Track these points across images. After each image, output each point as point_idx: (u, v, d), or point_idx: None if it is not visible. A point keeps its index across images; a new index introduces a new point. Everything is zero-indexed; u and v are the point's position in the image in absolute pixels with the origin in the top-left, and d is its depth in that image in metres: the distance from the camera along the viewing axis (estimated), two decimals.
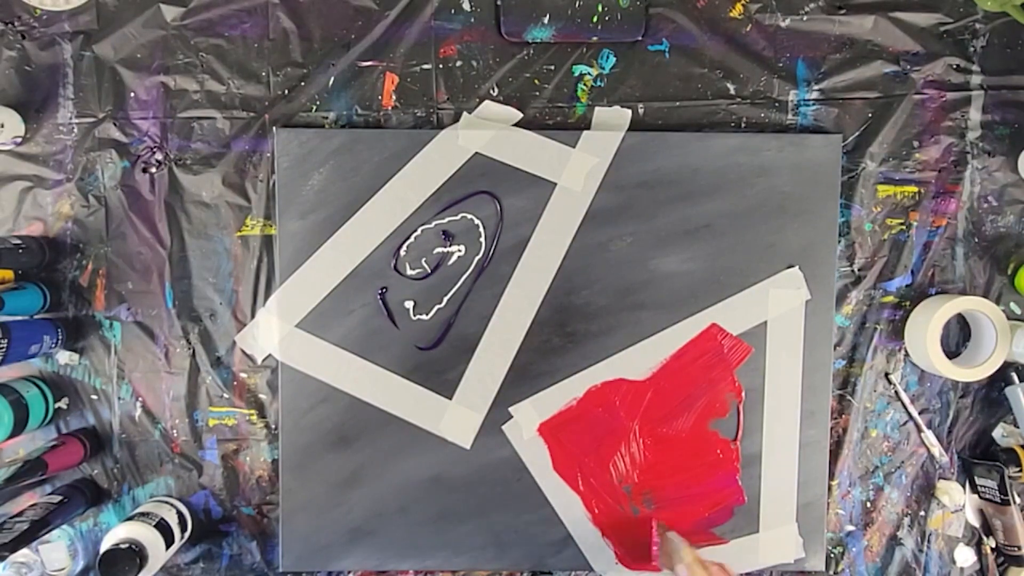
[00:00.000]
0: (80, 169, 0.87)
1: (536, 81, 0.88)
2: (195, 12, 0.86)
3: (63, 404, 0.87)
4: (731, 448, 0.88)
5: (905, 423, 0.90)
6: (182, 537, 0.85)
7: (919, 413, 0.90)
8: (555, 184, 0.86)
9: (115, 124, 0.87)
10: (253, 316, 0.88)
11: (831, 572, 0.91)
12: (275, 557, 0.89)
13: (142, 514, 0.82)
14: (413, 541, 0.88)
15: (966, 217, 0.89)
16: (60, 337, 0.85)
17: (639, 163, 0.86)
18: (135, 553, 0.76)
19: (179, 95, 0.87)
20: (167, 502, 0.86)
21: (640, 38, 0.87)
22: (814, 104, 0.88)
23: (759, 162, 0.87)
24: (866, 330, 0.90)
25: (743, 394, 0.88)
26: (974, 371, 0.85)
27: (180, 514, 0.85)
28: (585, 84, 0.88)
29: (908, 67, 0.88)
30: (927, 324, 0.84)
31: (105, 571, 0.75)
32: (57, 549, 0.88)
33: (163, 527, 0.81)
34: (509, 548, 0.88)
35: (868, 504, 0.91)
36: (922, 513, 0.91)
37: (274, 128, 0.86)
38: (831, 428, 0.89)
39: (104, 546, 0.78)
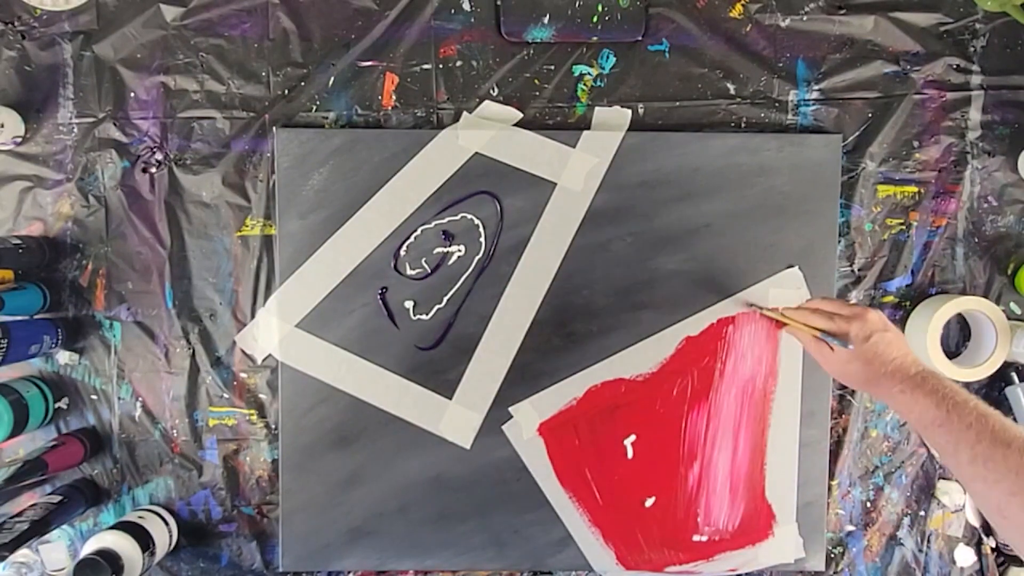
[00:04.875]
0: (80, 169, 0.87)
1: (536, 81, 0.88)
2: (195, 12, 0.86)
3: (63, 404, 0.87)
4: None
5: (905, 423, 0.90)
6: (169, 545, 0.85)
7: None
8: (555, 184, 0.86)
9: (115, 124, 0.87)
10: (253, 316, 0.88)
11: (831, 572, 0.91)
12: (275, 557, 0.89)
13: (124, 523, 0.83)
14: (413, 541, 0.88)
15: (966, 217, 0.89)
16: (60, 337, 0.85)
17: (639, 163, 0.86)
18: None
19: (179, 95, 0.87)
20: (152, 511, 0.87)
21: (640, 38, 0.87)
22: (814, 104, 0.88)
23: (759, 162, 0.87)
24: None
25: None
26: (974, 371, 0.85)
27: (165, 523, 0.85)
28: (585, 84, 0.88)
29: (908, 67, 0.88)
30: (927, 324, 0.84)
31: None
32: (57, 549, 0.88)
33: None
34: (509, 548, 0.88)
35: (868, 504, 0.91)
36: (922, 513, 0.91)
37: (274, 128, 0.86)
38: (831, 428, 0.89)
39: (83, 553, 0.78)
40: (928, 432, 0.63)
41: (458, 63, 0.87)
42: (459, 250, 0.87)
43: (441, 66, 0.87)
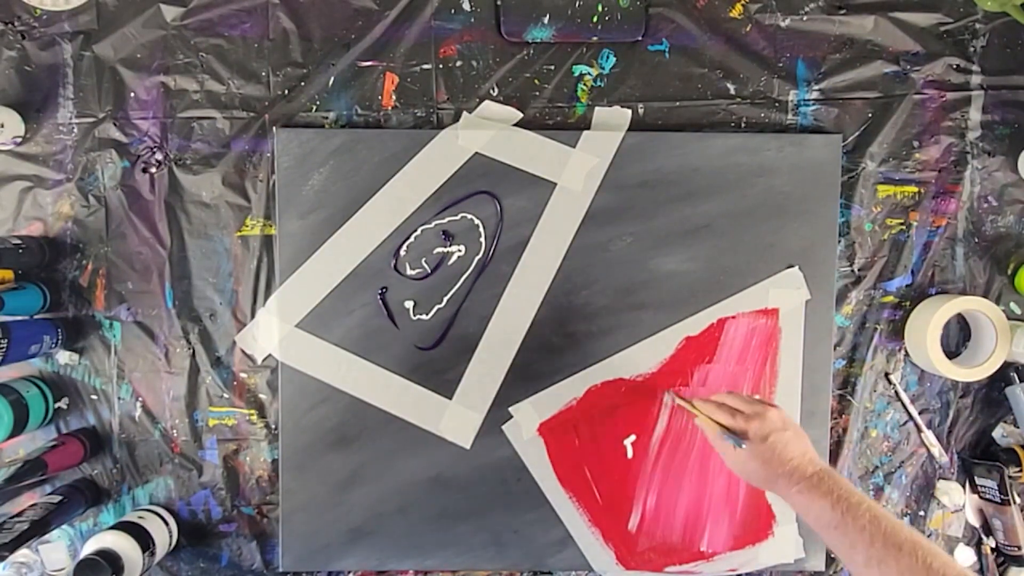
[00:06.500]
0: (80, 169, 0.87)
1: (536, 81, 0.88)
2: (195, 12, 0.86)
3: (63, 404, 0.87)
4: None
5: (905, 423, 0.90)
6: (169, 545, 0.85)
7: (919, 413, 0.90)
8: (555, 184, 0.86)
9: (115, 124, 0.87)
10: (253, 316, 0.88)
11: (831, 572, 0.91)
12: (275, 557, 0.89)
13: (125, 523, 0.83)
14: (413, 541, 0.88)
15: (966, 217, 0.89)
16: (60, 337, 0.85)
17: (639, 163, 0.86)
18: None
19: (179, 95, 0.87)
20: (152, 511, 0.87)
21: (640, 38, 0.87)
22: (814, 104, 0.88)
23: (759, 162, 0.87)
24: (866, 330, 0.90)
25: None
26: (974, 371, 0.85)
27: (165, 523, 0.85)
28: (585, 84, 0.88)
29: (908, 67, 0.88)
30: (927, 324, 0.84)
31: None
32: (57, 549, 0.88)
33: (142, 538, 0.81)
34: (509, 548, 0.88)
35: None
36: (922, 513, 0.91)
37: (274, 128, 0.86)
38: (831, 428, 0.89)
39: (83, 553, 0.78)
40: (825, 533, 0.64)
41: (458, 63, 0.87)
42: (459, 250, 0.87)
43: (441, 66, 0.87)
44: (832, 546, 0.64)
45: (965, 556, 0.91)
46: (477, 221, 0.86)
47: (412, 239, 0.86)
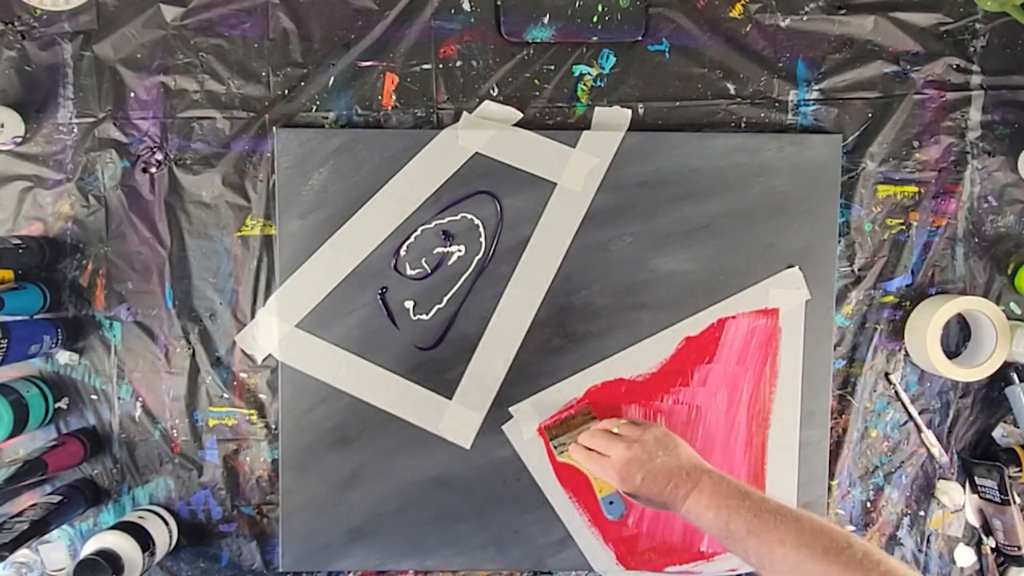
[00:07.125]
0: (80, 169, 0.87)
1: (536, 81, 0.88)
2: (195, 12, 0.86)
3: (63, 404, 0.87)
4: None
5: (905, 423, 0.90)
6: (169, 545, 0.85)
7: (919, 413, 0.90)
8: (555, 184, 0.86)
9: (115, 124, 0.87)
10: (253, 316, 0.88)
11: None
12: (275, 557, 0.89)
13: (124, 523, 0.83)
14: (413, 541, 0.88)
15: (966, 217, 0.89)
16: (60, 337, 0.85)
17: (639, 163, 0.86)
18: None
19: (179, 95, 0.87)
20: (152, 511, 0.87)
21: (640, 38, 0.87)
22: (814, 104, 0.88)
23: (759, 162, 0.87)
24: (866, 330, 0.90)
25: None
26: (974, 371, 0.85)
27: (165, 523, 0.85)
28: (585, 84, 0.88)
29: (908, 67, 0.88)
30: (927, 324, 0.84)
31: None
32: (57, 549, 0.88)
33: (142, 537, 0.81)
34: (509, 548, 0.88)
35: (868, 504, 0.91)
36: (922, 513, 0.91)
37: (274, 128, 0.86)
38: (831, 428, 0.89)
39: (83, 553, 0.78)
40: (725, 545, 0.67)
41: (458, 63, 0.87)
42: (459, 250, 0.87)
43: (441, 66, 0.87)
44: (737, 555, 0.67)
45: (965, 556, 0.91)
46: (477, 221, 0.86)
47: (412, 239, 0.86)
